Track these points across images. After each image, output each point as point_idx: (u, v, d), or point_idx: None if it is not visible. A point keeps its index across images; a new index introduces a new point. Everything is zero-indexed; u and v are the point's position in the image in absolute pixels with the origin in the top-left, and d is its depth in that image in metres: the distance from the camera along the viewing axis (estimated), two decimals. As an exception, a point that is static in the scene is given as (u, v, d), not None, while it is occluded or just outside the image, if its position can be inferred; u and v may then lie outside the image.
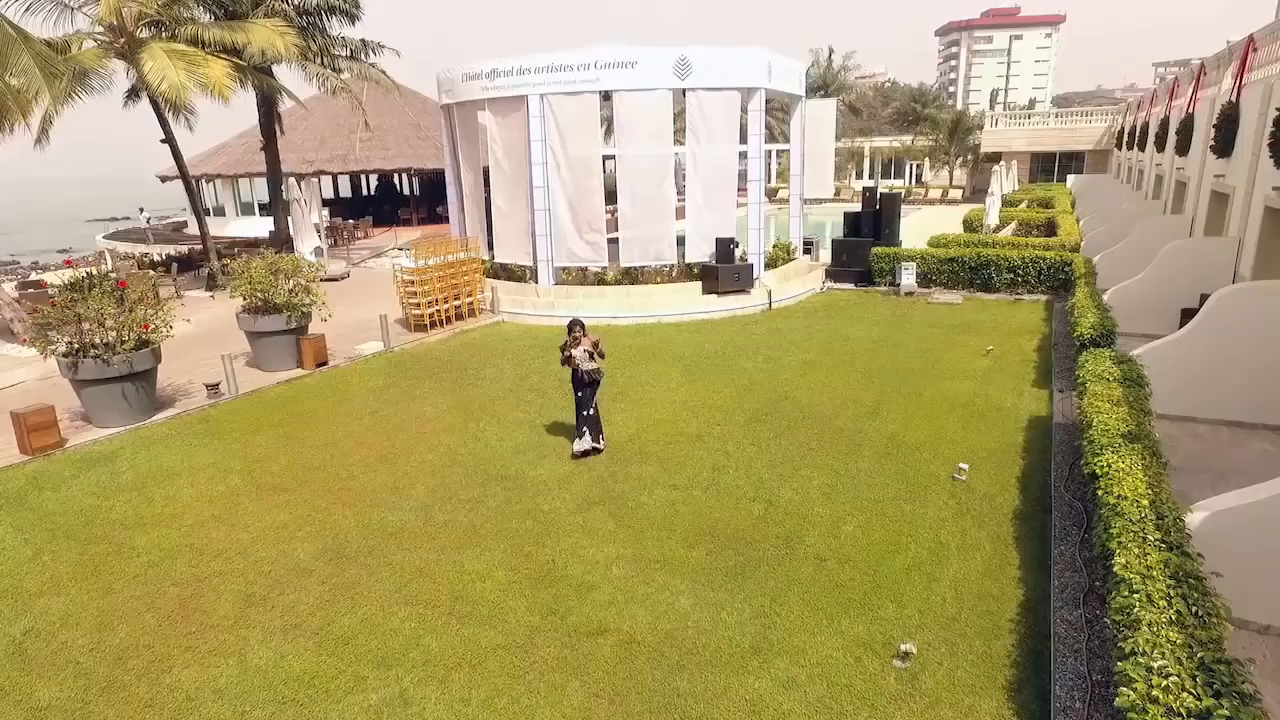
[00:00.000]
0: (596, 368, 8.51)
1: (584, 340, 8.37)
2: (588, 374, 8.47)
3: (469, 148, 18.41)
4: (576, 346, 8.36)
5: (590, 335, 8.48)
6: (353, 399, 11.31)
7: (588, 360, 8.40)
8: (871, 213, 19.30)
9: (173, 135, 18.79)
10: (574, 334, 8.36)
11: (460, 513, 7.55)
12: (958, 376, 11.62)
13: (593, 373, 8.50)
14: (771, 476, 8.16)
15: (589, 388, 8.58)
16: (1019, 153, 42.44)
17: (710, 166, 16.23)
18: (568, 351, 8.41)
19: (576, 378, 8.53)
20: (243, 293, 12.07)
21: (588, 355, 8.38)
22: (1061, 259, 16.65)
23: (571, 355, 8.38)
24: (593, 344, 8.41)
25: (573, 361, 8.40)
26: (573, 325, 8.41)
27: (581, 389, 8.58)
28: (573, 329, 8.39)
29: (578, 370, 8.44)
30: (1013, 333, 14.23)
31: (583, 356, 8.35)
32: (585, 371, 8.44)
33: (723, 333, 14.79)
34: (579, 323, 8.46)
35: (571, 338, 8.38)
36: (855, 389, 11.14)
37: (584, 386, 8.56)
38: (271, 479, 8.52)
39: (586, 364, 8.40)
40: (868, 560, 6.44)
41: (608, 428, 9.78)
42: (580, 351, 8.37)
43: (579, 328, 8.39)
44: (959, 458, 8.44)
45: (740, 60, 16.04)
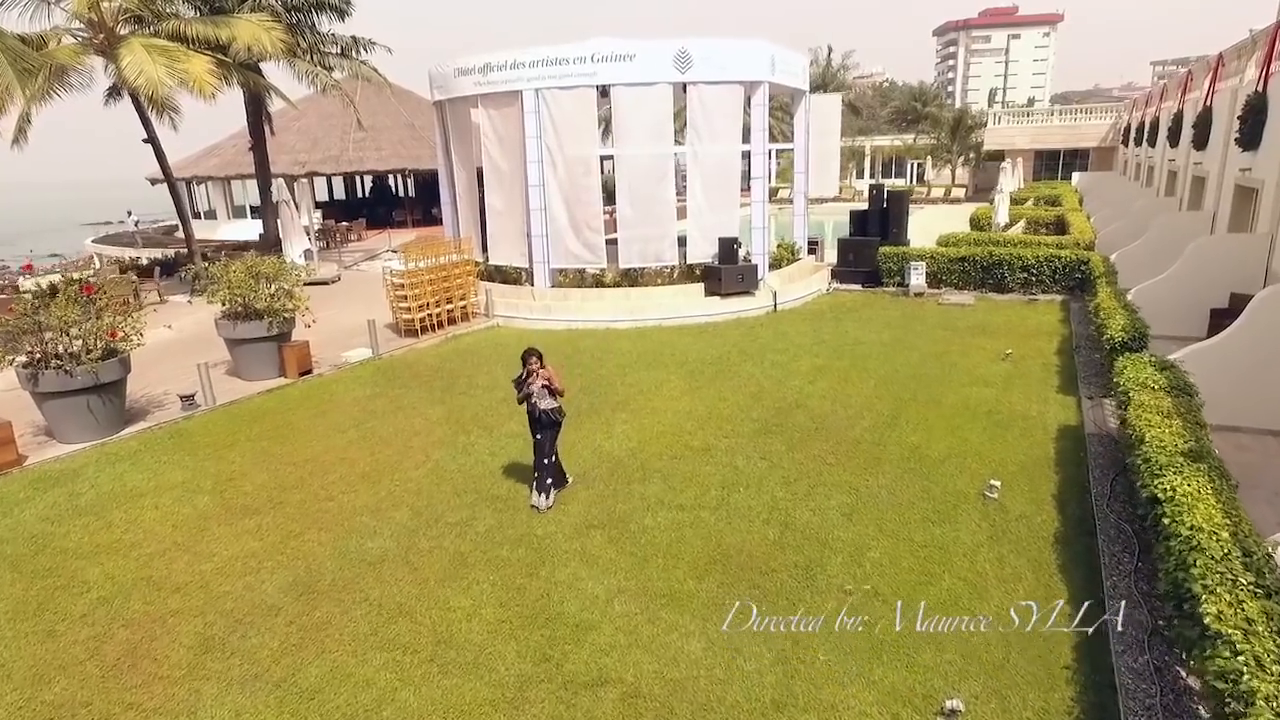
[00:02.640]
0: (558, 405, 7.36)
1: (539, 373, 7.20)
2: (547, 414, 7.30)
3: (462, 146, 17.76)
4: (534, 380, 7.20)
5: (547, 368, 7.28)
6: (337, 410, 10.65)
7: (546, 397, 7.24)
8: (878, 211, 18.67)
9: (155, 135, 18.14)
10: (529, 366, 7.18)
11: (447, 539, 6.89)
12: (977, 382, 10.98)
13: (553, 412, 7.33)
14: (786, 495, 7.51)
15: (549, 430, 7.38)
16: (1022, 150, 41.83)
17: (712, 163, 15.59)
18: (526, 388, 7.22)
19: (534, 418, 7.36)
20: (221, 298, 11.41)
21: (545, 391, 7.24)
22: (1077, 258, 16.02)
23: (530, 392, 7.23)
24: (547, 379, 7.21)
25: (531, 399, 7.28)
26: (527, 356, 7.23)
27: (540, 431, 7.35)
28: (527, 360, 7.20)
29: (535, 409, 7.30)
30: (1030, 335, 13.59)
31: (541, 393, 7.22)
32: (544, 411, 7.27)
33: (727, 336, 14.15)
34: (534, 352, 7.26)
35: (526, 371, 7.22)
36: (870, 396, 10.49)
37: (543, 428, 7.35)
38: (243, 500, 7.86)
39: (545, 401, 7.24)
40: (898, 593, 5.78)
41: (607, 440, 9.14)
42: (539, 387, 7.22)
43: (535, 358, 7.20)
44: (988, 473, 7.80)
45: (743, 52, 15.41)
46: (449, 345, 14.16)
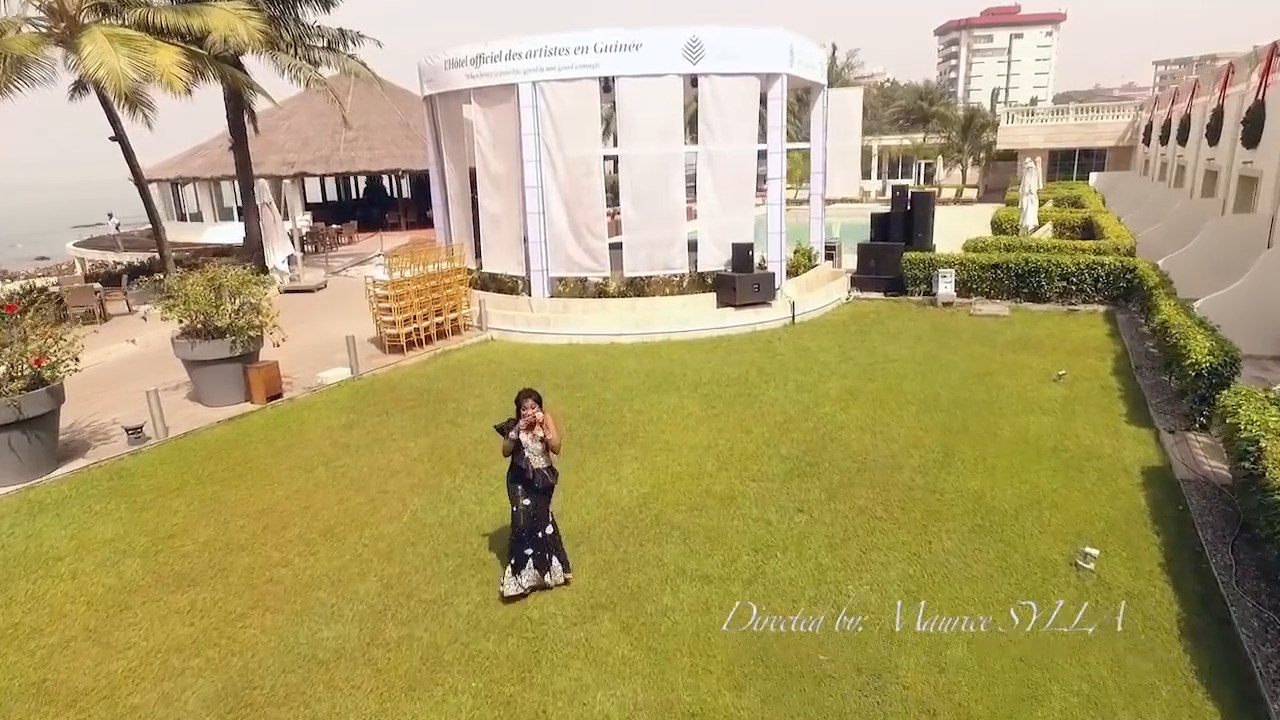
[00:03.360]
0: (550, 466, 5.77)
1: (538, 421, 5.60)
2: (539, 474, 5.68)
3: (454, 144, 16.46)
4: (527, 430, 5.59)
5: (546, 415, 5.65)
6: (305, 443, 9.34)
7: (539, 454, 5.66)
8: (902, 214, 17.36)
9: (123, 133, 16.83)
10: (525, 411, 5.58)
11: (420, 624, 5.59)
12: (1032, 409, 9.68)
13: (544, 474, 5.71)
14: (833, 563, 6.21)
15: (542, 495, 5.76)
16: (1036, 150, 40.49)
17: (726, 162, 14.28)
18: (515, 434, 5.59)
19: (524, 480, 5.67)
20: (177, 314, 10.10)
21: (539, 446, 5.65)
22: (1123, 265, 14.72)
23: (522, 444, 5.61)
24: (544, 430, 5.64)
25: (522, 453, 5.63)
26: (523, 398, 5.62)
27: (531, 496, 5.70)
28: (522, 403, 5.60)
29: (527, 470, 5.65)
30: (1077, 351, 12.29)
31: (535, 447, 5.65)
32: (536, 472, 5.66)
33: (743, 352, 12.85)
34: (532, 394, 5.63)
35: (519, 416, 5.61)
36: (913, 427, 9.19)
37: (534, 493, 5.71)
38: (180, 565, 6.56)
39: (539, 459, 5.66)
40: (996, 716, 4.48)
41: (615, 485, 7.83)
42: (533, 438, 5.62)
43: (532, 401, 5.58)
44: (1073, 532, 6.50)
45: (759, 42, 14.10)
46: (437, 363, 12.85)
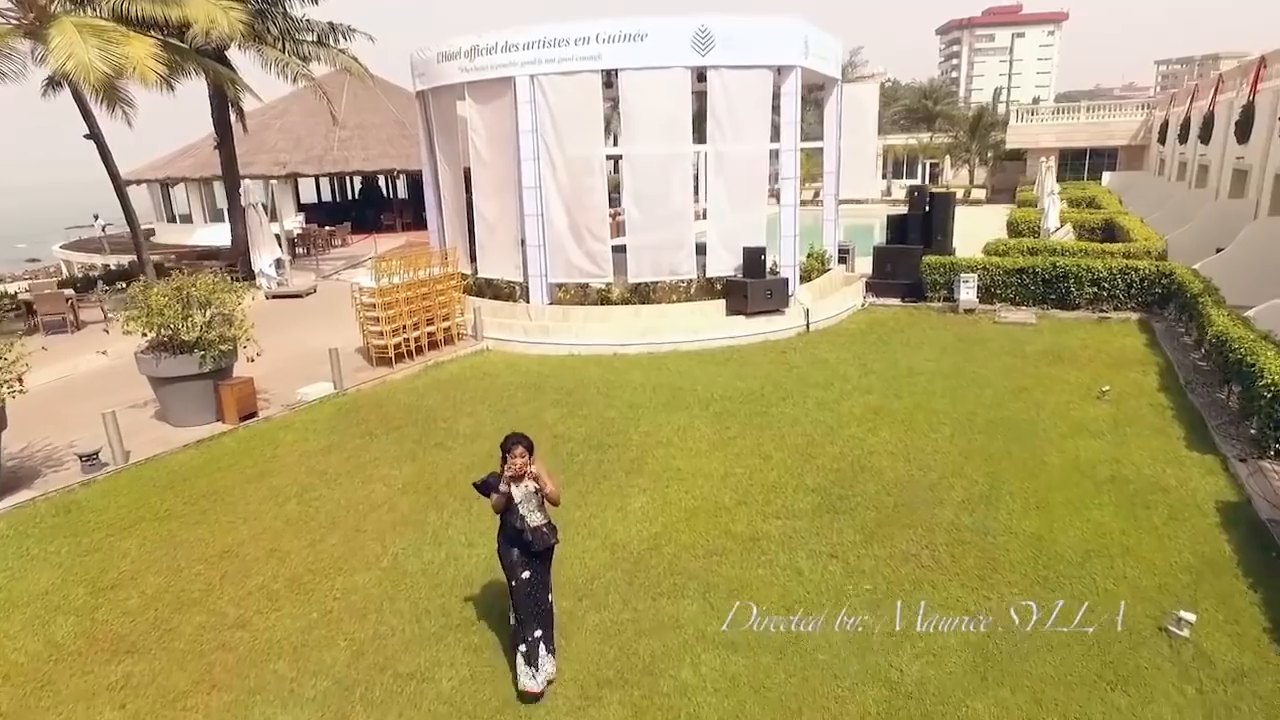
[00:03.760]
0: (548, 522, 4.78)
1: (525, 469, 4.63)
2: (536, 535, 4.68)
3: (447, 142, 15.57)
4: (517, 481, 4.64)
5: (538, 464, 4.73)
6: (278, 470, 8.45)
7: (536, 510, 4.70)
8: (920, 216, 16.48)
9: (99, 131, 15.95)
10: (514, 460, 4.61)
11: (394, 707, 4.70)
12: (1078, 431, 8.80)
13: (544, 533, 4.72)
14: (878, 625, 5.32)
15: (539, 560, 4.78)
16: (1046, 149, 39.60)
17: (736, 161, 13.39)
18: (503, 486, 4.63)
19: (520, 543, 4.68)
20: (140, 327, 9.21)
21: (535, 500, 4.70)
22: (1158, 270, 13.83)
23: (510, 496, 4.65)
24: (533, 479, 4.68)
25: (515, 511, 4.65)
26: (510, 444, 4.64)
27: (532, 565, 4.73)
28: (510, 450, 4.63)
29: (523, 532, 4.65)
30: (1117, 363, 11.40)
31: (529, 500, 4.66)
32: (533, 531, 4.66)
33: (756, 365, 11.96)
34: (520, 440, 4.65)
35: (507, 467, 4.65)
36: (949, 452, 8.31)
37: (534, 559, 4.74)
38: (120, 625, 5.67)
39: (535, 515, 4.69)
40: (1105, 847, 3.61)
41: (621, 523, 6.94)
42: (526, 489, 4.67)
43: (520, 448, 4.62)
44: (1154, 586, 5.62)
45: (773, 32, 13.20)
46: (428, 376, 11.96)
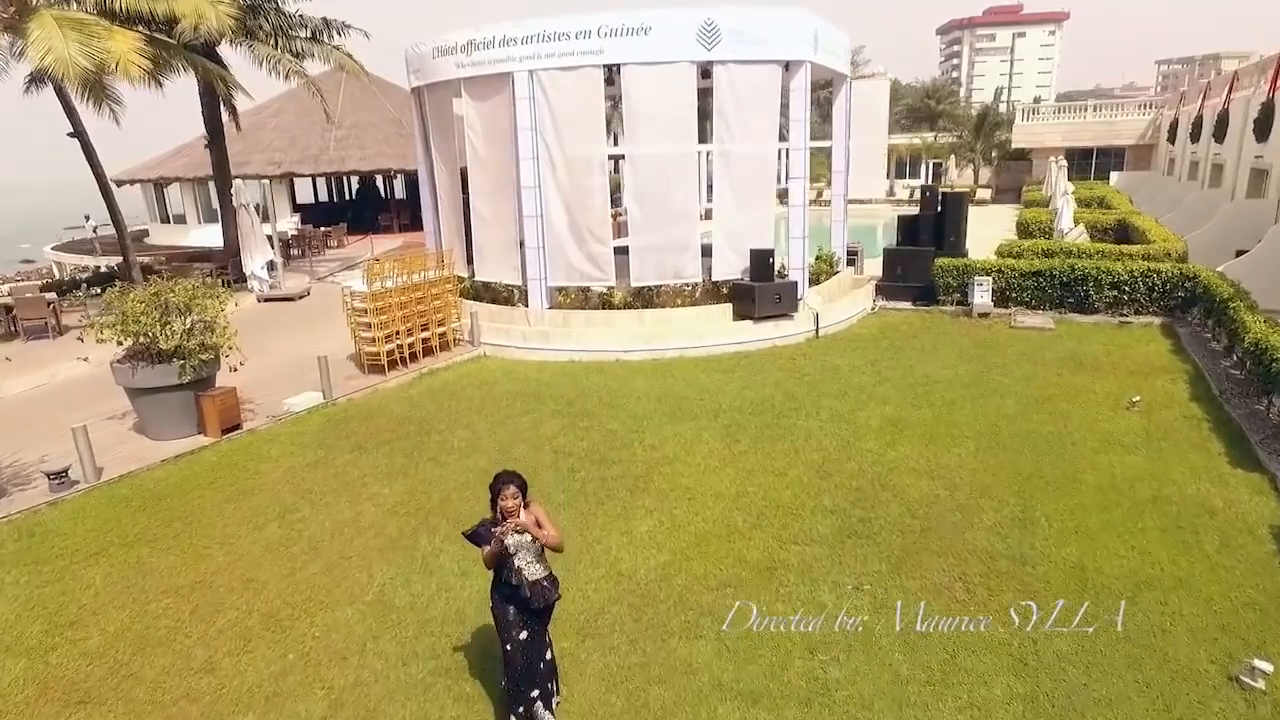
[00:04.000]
0: (550, 574, 4.26)
1: (519, 512, 4.12)
2: (536, 590, 4.16)
3: (443, 141, 15.05)
4: (511, 530, 4.08)
5: (535, 507, 4.22)
6: (260, 488, 7.93)
7: (534, 561, 4.18)
8: (932, 216, 15.96)
9: (82, 129, 15.43)
10: (503, 503, 4.11)
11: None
12: (1111, 445, 8.28)
13: (545, 588, 4.20)
14: (913, 673, 4.80)
15: (539, 619, 4.25)
16: (1052, 149, 39.09)
17: (744, 160, 12.87)
18: (501, 536, 4.06)
19: (517, 599, 4.16)
20: (115, 335, 8.69)
21: (534, 549, 4.17)
22: (1181, 273, 13.31)
23: (505, 546, 4.10)
24: (534, 525, 4.13)
25: (511, 563, 4.14)
26: (500, 485, 4.14)
27: (528, 624, 4.20)
28: (500, 491, 4.12)
29: (519, 587, 4.14)
30: (1143, 371, 10.89)
31: (525, 551, 4.14)
32: (532, 586, 4.15)
33: (765, 372, 11.44)
34: (512, 479, 4.15)
35: (499, 513, 4.14)
36: (976, 469, 7.79)
37: (530, 618, 4.21)
38: (75, 670, 5.15)
39: (534, 566, 4.18)
40: None
41: (627, 549, 6.42)
42: (520, 540, 4.12)
43: (511, 488, 4.12)
44: (1216, 626, 5.10)
45: (782, 25, 12.66)
46: (422, 385, 11.43)
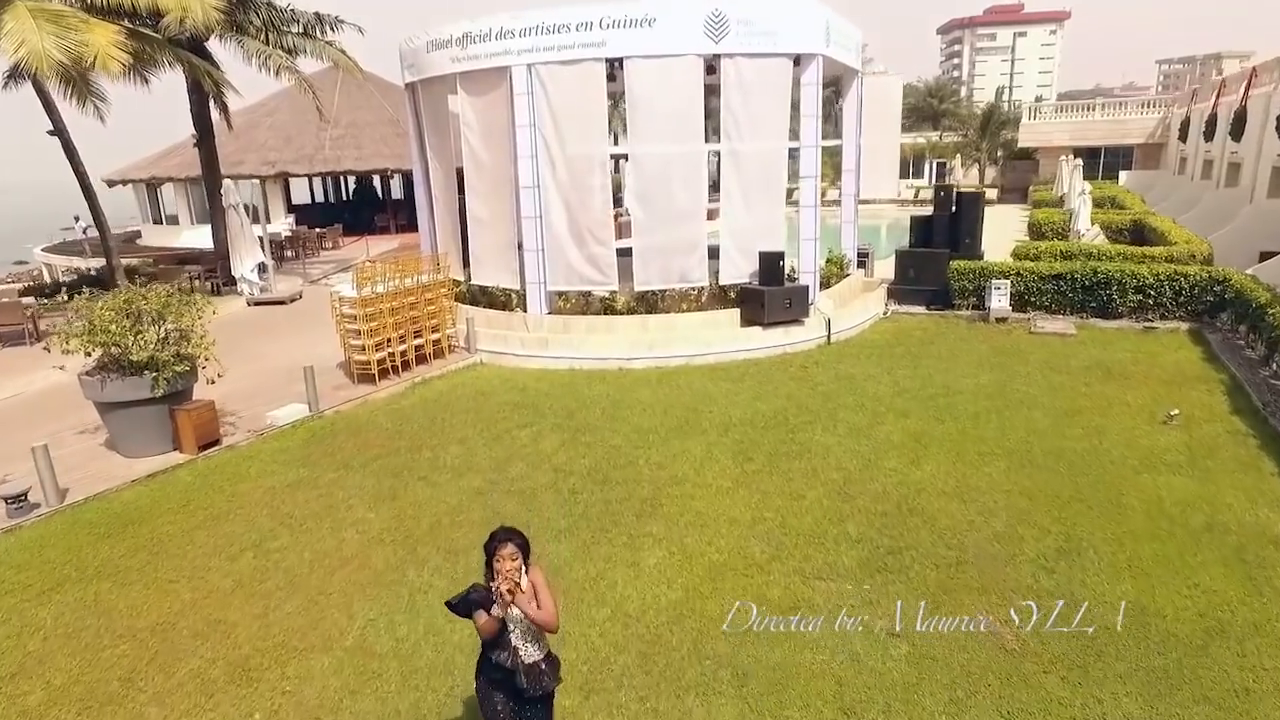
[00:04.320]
0: (549, 655, 3.67)
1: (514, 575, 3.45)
2: (532, 675, 3.55)
3: (438, 139, 14.46)
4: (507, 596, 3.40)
5: (536, 572, 3.58)
6: (236, 512, 7.33)
7: (531, 640, 3.57)
8: (946, 217, 15.38)
9: (63, 126, 14.85)
10: (499, 565, 3.45)
11: None
12: (1152, 465, 7.69)
13: (543, 673, 3.60)
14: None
15: (535, 710, 3.63)
16: (1060, 148, 38.48)
17: (753, 158, 12.27)
18: (502, 604, 3.42)
19: (508, 686, 3.57)
20: (81, 345, 8.09)
21: (531, 626, 3.53)
22: (1210, 276, 12.73)
23: (506, 624, 3.53)
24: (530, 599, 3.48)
25: (504, 639, 3.55)
26: (496, 542, 3.50)
27: (520, 716, 3.61)
28: (496, 550, 3.48)
29: (514, 672, 3.54)
30: (1175, 381, 10.31)
31: (521, 627, 3.54)
32: (527, 671, 3.54)
33: (776, 382, 10.85)
34: (510, 538, 3.51)
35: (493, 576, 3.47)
36: (1010, 491, 7.20)
37: (523, 709, 3.60)
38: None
39: (531, 647, 3.57)
40: None
41: (634, 584, 5.83)
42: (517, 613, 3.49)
43: (508, 548, 3.48)
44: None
45: (792, 16, 12.05)
46: (414, 395, 10.84)
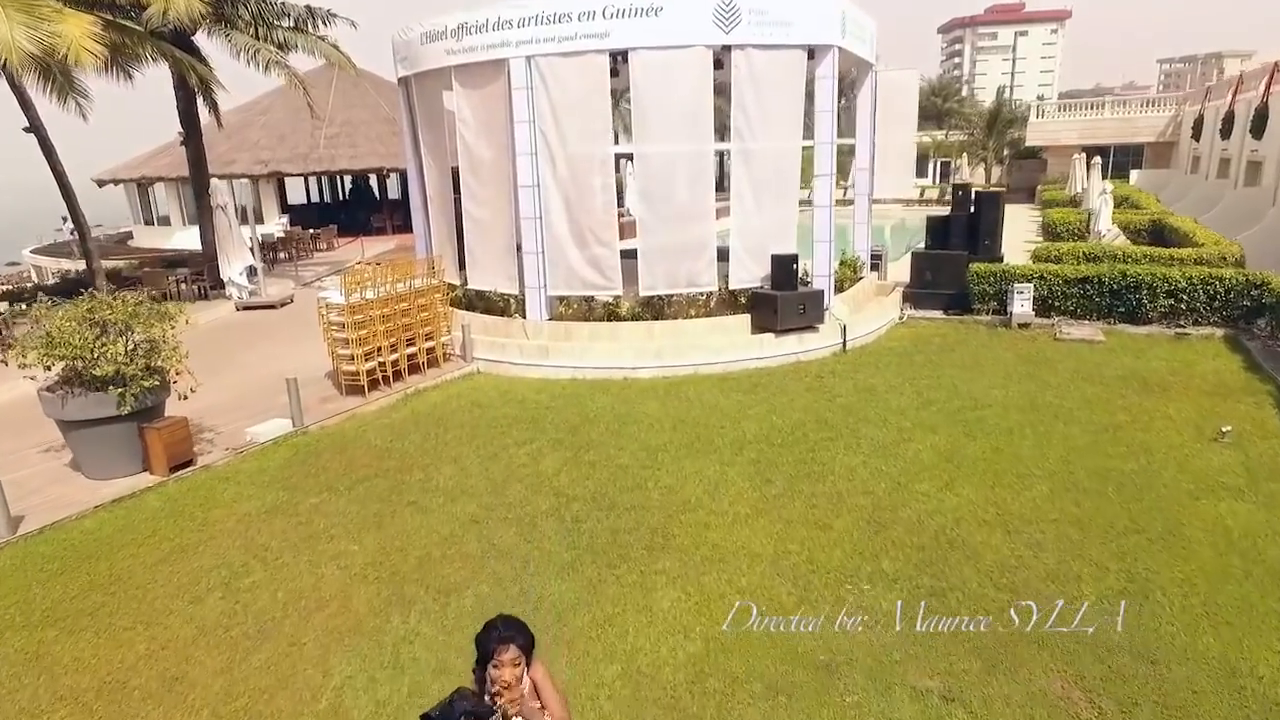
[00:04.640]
0: None
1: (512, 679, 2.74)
2: None
3: (433, 136, 13.79)
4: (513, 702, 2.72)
5: (539, 670, 2.92)
6: (206, 544, 6.66)
7: None
8: (964, 217, 14.72)
9: (39, 123, 14.17)
10: (500, 667, 2.74)
11: None
12: (1210, 489, 7.03)
13: None
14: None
15: None
16: (1068, 146, 37.85)
17: (765, 156, 11.60)
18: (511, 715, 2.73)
19: None
20: (39, 359, 7.42)
21: None
22: (1248, 280, 12.07)
23: None
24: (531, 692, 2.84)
25: None
26: (496, 639, 2.78)
27: None
28: (495, 649, 2.77)
29: None
30: (1217, 392, 9.65)
31: None
32: None
33: (791, 394, 10.18)
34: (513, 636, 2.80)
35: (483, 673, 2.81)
36: (1058, 519, 6.53)
37: None
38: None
39: None
40: None
41: (646, 632, 5.14)
42: None
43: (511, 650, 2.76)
44: None
45: (808, 5, 11.38)
46: (406, 408, 10.16)
